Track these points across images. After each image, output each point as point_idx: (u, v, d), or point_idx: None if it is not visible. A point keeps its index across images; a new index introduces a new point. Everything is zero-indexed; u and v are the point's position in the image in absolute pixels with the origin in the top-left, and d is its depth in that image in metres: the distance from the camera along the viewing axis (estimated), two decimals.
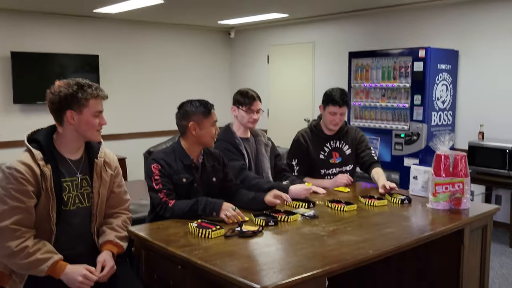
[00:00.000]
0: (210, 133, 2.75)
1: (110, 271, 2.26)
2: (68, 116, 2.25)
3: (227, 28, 8.35)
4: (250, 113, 3.21)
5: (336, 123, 3.52)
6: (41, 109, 6.54)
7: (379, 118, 5.93)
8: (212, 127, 2.76)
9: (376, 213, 2.78)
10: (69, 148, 2.33)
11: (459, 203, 2.80)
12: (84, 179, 2.36)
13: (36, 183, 2.19)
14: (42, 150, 2.24)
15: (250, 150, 3.28)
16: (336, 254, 2.09)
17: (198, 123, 2.72)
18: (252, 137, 3.36)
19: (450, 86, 5.65)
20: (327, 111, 3.51)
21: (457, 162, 2.82)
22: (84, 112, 2.26)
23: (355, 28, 6.80)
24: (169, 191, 2.63)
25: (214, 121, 2.78)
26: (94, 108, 2.29)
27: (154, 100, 7.79)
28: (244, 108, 3.21)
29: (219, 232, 2.30)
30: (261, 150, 3.34)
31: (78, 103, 2.24)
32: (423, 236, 2.41)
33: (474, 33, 5.58)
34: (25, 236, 2.16)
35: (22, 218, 2.16)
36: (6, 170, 2.17)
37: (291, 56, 7.70)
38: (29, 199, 2.18)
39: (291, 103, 7.65)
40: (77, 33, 7.02)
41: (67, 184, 2.30)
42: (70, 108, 2.24)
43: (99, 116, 2.32)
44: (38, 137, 2.29)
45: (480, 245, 2.84)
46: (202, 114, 2.72)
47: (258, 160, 3.31)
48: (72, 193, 2.31)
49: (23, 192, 2.16)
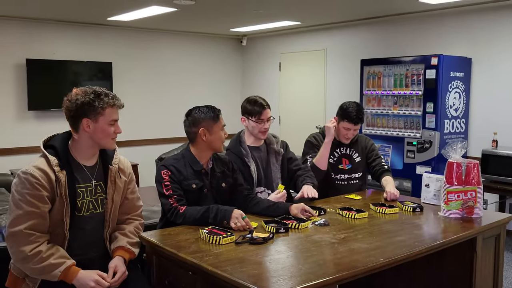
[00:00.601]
0: (220, 137, 2.78)
1: (121, 276, 2.28)
2: (84, 124, 2.28)
3: (239, 35, 8.39)
4: (261, 123, 3.14)
5: (348, 137, 3.55)
6: (55, 115, 6.64)
7: (391, 125, 5.91)
8: (221, 132, 2.78)
9: (387, 221, 2.77)
10: (84, 154, 2.36)
11: (471, 212, 2.78)
12: (99, 185, 2.39)
13: (51, 188, 2.22)
14: (58, 156, 2.27)
15: (259, 159, 3.23)
16: (347, 262, 2.09)
17: (208, 129, 2.75)
18: (265, 145, 3.29)
19: (463, 94, 5.61)
20: (341, 125, 3.51)
21: (470, 170, 2.80)
22: (100, 121, 2.28)
23: (367, 36, 6.79)
24: (179, 197, 2.65)
25: (223, 126, 2.80)
26: (110, 117, 2.31)
27: (167, 106, 7.84)
28: (254, 119, 3.14)
29: (230, 239, 2.31)
30: (271, 159, 3.26)
31: (95, 111, 2.27)
32: (435, 245, 2.40)
33: (487, 41, 5.54)
34: (39, 241, 2.18)
35: (36, 223, 2.18)
36: (22, 175, 2.19)
37: (302, 64, 7.72)
38: (44, 205, 2.20)
39: (303, 110, 7.65)
40: (91, 41, 7.10)
41: (81, 190, 2.32)
42: (86, 116, 2.27)
43: (115, 124, 2.34)
44: (54, 143, 2.32)
45: (493, 254, 2.81)
46: (212, 120, 2.75)
47: (267, 170, 3.24)
48: (86, 199, 2.34)
49: (38, 197, 2.18)
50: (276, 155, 3.28)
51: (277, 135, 3.40)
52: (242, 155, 3.15)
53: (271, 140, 3.30)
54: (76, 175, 2.31)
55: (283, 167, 3.31)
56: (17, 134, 6.52)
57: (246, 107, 3.19)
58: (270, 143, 3.29)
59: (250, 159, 3.16)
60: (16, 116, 6.58)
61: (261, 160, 3.23)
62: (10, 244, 2.19)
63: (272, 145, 3.29)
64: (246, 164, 3.14)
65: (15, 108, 6.56)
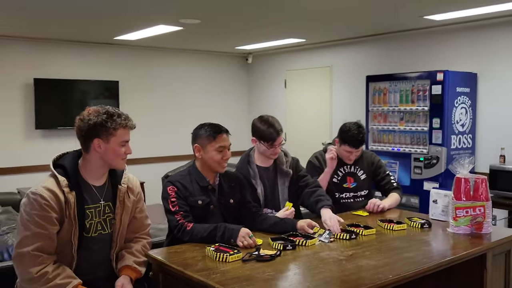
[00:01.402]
0: (212, 158, 2.72)
1: None
2: (95, 144, 2.27)
3: (245, 53, 8.45)
4: (272, 148, 3.08)
5: (351, 159, 3.53)
6: (63, 134, 6.68)
7: (397, 141, 5.90)
8: (216, 152, 2.71)
9: (395, 237, 2.74)
10: (94, 174, 2.35)
11: (480, 228, 2.75)
12: (107, 205, 2.38)
13: (60, 210, 2.20)
14: (67, 176, 2.26)
15: (267, 180, 3.18)
16: (354, 279, 2.06)
17: (202, 147, 2.74)
18: (274, 165, 3.21)
19: (470, 109, 5.60)
20: (342, 148, 3.48)
21: (478, 186, 2.78)
22: (112, 141, 2.28)
23: (372, 52, 6.82)
24: (185, 213, 2.64)
25: (219, 146, 2.71)
26: (122, 138, 2.30)
27: (173, 125, 7.87)
28: (267, 144, 3.05)
29: (237, 256, 2.30)
30: (279, 180, 3.20)
31: (106, 132, 2.26)
32: (444, 261, 2.37)
33: (493, 56, 5.55)
34: (45, 263, 2.17)
35: (44, 245, 2.17)
36: (31, 196, 2.18)
37: (308, 81, 7.74)
38: (52, 226, 2.19)
39: (309, 127, 7.65)
40: (98, 60, 7.17)
41: (90, 211, 2.31)
42: (98, 137, 2.26)
43: (126, 145, 2.34)
44: (64, 163, 2.31)
45: (503, 271, 2.76)
46: (206, 138, 2.73)
47: (274, 192, 3.19)
48: (94, 220, 2.33)
49: (47, 219, 2.17)
50: (284, 177, 3.21)
51: (288, 153, 3.31)
52: (250, 176, 3.11)
53: (281, 160, 3.22)
54: (85, 196, 2.30)
55: (291, 187, 3.23)
56: (25, 153, 6.55)
57: (258, 130, 3.08)
58: (279, 164, 3.21)
59: (257, 180, 3.12)
60: (24, 135, 6.62)
61: (268, 181, 3.18)
62: (17, 265, 2.19)
63: (282, 165, 3.21)
64: (253, 186, 3.11)
65: (22, 127, 6.61)
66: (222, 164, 2.75)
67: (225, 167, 2.78)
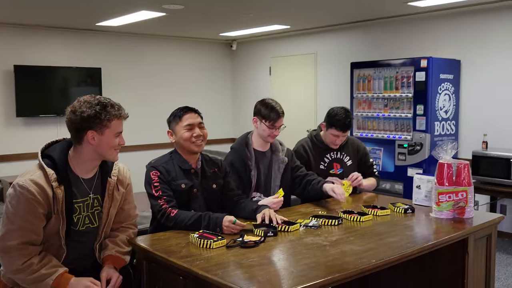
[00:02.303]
0: (183, 137, 2.70)
1: (117, 282, 2.26)
2: (89, 137, 2.18)
3: (229, 40, 8.39)
4: (272, 129, 3.11)
5: (337, 144, 3.53)
6: (44, 122, 6.59)
7: (382, 128, 5.92)
8: (185, 131, 2.70)
9: (379, 222, 2.76)
10: (85, 167, 2.28)
11: (462, 212, 2.78)
12: (96, 198, 2.33)
13: (47, 205, 2.15)
14: (56, 169, 2.18)
15: (262, 165, 3.19)
16: (338, 264, 2.07)
17: (173, 130, 2.77)
18: (270, 151, 3.24)
19: (453, 96, 5.64)
20: (329, 132, 3.49)
21: (460, 171, 2.80)
22: (106, 133, 2.20)
23: (357, 39, 6.82)
24: (169, 198, 2.62)
25: (186, 125, 2.71)
26: (116, 129, 2.24)
27: (157, 112, 7.79)
28: (268, 123, 3.09)
29: (221, 243, 2.29)
30: (274, 166, 3.22)
31: (101, 124, 2.18)
32: (426, 245, 2.39)
33: (476, 43, 5.58)
34: (31, 254, 2.14)
35: (30, 238, 2.14)
36: (18, 189, 2.11)
37: (293, 68, 7.72)
38: (39, 221, 2.14)
39: (294, 114, 7.63)
40: (80, 46, 7.06)
41: (78, 206, 2.26)
42: (92, 129, 2.18)
43: (119, 136, 2.28)
44: (53, 154, 2.22)
45: (484, 255, 2.80)
46: (174, 121, 2.75)
47: (268, 177, 3.21)
48: (82, 214, 2.28)
49: (33, 213, 2.12)
50: (279, 163, 3.23)
51: (283, 143, 3.35)
52: (247, 158, 3.13)
53: (277, 148, 3.26)
54: (74, 190, 2.24)
55: (284, 175, 3.25)
56: (5, 141, 6.45)
57: (261, 110, 3.13)
58: (276, 150, 3.25)
59: (253, 163, 3.13)
60: (4, 123, 6.51)
61: (264, 166, 3.19)
62: (2, 256, 2.15)
63: (278, 152, 3.24)
64: (248, 167, 3.11)
65: (3, 115, 6.50)
66: (196, 142, 2.72)
67: (200, 145, 2.74)
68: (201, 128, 2.76)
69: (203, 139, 2.75)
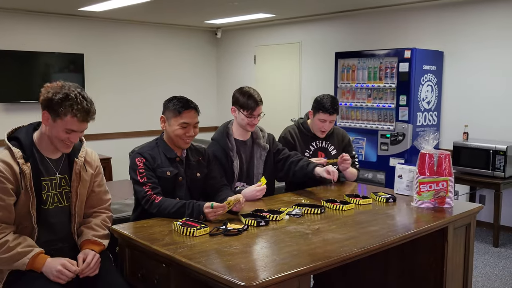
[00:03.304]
0: (175, 132, 2.69)
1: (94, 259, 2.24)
2: (44, 117, 2.22)
3: (214, 28, 8.34)
4: (251, 118, 3.08)
5: (324, 130, 3.54)
6: (25, 107, 6.49)
7: (365, 118, 5.96)
8: (179, 127, 2.68)
9: (361, 211, 2.79)
10: (49, 147, 2.30)
11: (443, 202, 2.82)
12: (63, 178, 2.34)
13: (15, 181, 2.18)
14: (22, 148, 2.22)
15: (244, 154, 3.18)
16: (321, 252, 2.09)
17: (167, 119, 2.73)
18: (251, 139, 3.23)
19: (435, 87, 5.69)
20: (316, 117, 3.51)
21: (441, 161, 2.84)
22: (57, 123, 2.19)
23: (342, 29, 6.83)
24: (154, 185, 2.62)
25: (183, 123, 2.68)
26: (67, 125, 2.20)
27: (140, 99, 7.75)
28: (246, 113, 3.06)
29: (204, 231, 2.29)
30: (256, 154, 3.22)
31: (54, 111, 2.18)
32: (407, 234, 2.42)
33: (459, 35, 5.63)
34: (5, 232, 2.15)
35: (1, 216, 2.15)
36: None
37: (277, 57, 7.71)
38: (9, 197, 2.16)
39: (278, 103, 7.65)
40: (62, 32, 6.96)
41: (46, 183, 2.28)
42: (48, 111, 2.20)
43: (72, 133, 2.23)
44: (19, 135, 2.27)
45: (463, 243, 2.86)
46: (172, 112, 2.71)
47: (250, 166, 3.20)
48: (51, 192, 2.30)
49: (2, 190, 2.14)
50: (261, 151, 3.23)
51: (264, 129, 3.33)
52: (228, 148, 3.11)
53: (258, 135, 3.24)
54: (41, 168, 2.27)
55: (266, 162, 3.25)
56: None
57: (239, 99, 3.09)
58: (256, 138, 3.23)
59: (234, 153, 3.12)
60: None
61: (245, 155, 3.19)
62: None
63: (259, 139, 3.23)
64: (230, 158, 3.10)
65: None
66: (185, 140, 2.71)
67: (188, 143, 2.74)
68: (195, 128, 2.74)
69: (192, 138, 2.75)
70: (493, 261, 4.62)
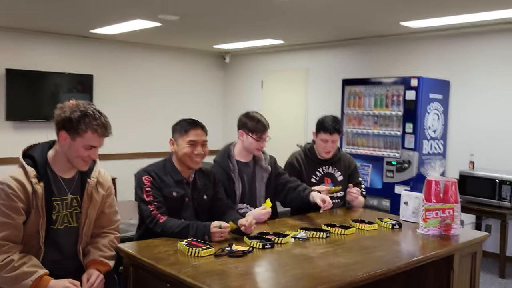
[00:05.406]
0: (183, 151, 2.69)
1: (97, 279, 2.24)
2: (62, 137, 2.23)
3: (222, 52, 8.44)
4: (259, 141, 3.13)
5: (328, 150, 3.53)
6: (34, 126, 6.55)
7: (371, 145, 5.97)
8: (187, 146, 2.69)
9: (366, 237, 2.78)
10: (63, 167, 2.31)
11: (449, 229, 2.81)
12: (75, 198, 2.34)
13: (27, 200, 2.17)
14: (36, 167, 2.22)
15: (246, 176, 3.19)
16: (325, 276, 2.08)
17: (176, 140, 2.75)
18: (253, 161, 3.25)
19: (442, 115, 5.71)
20: (319, 138, 3.53)
21: (448, 188, 2.84)
22: (77, 141, 2.22)
23: (349, 56, 6.90)
24: (159, 204, 2.62)
25: (190, 140, 2.69)
26: (88, 142, 2.23)
27: (147, 121, 7.80)
28: (255, 136, 3.10)
29: (209, 251, 2.29)
30: (257, 176, 3.23)
31: (74, 130, 2.20)
32: (412, 261, 2.41)
33: (465, 64, 5.67)
34: (11, 251, 2.14)
35: (10, 234, 2.14)
36: None
37: (285, 82, 7.77)
38: (19, 216, 2.16)
39: (284, 128, 7.67)
40: (73, 53, 7.05)
41: (57, 203, 2.28)
42: (66, 130, 2.21)
43: (92, 150, 2.26)
44: (33, 153, 2.27)
45: (469, 272, 2.83)
46: (179, 131, 2.74)
47: (252, 187, 3.21)
48: (61, 212, 2.29)
49: (13, 208, 2.14)
50: (263, 173, 3.24)
51: (266, 151, 3.35)
52: (229, 170, 3.12)
53: (260, 157, 3.26)
54: (53, 188, 2.27)
55: (268, 184, 3.26)
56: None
57: (247, 123, 3.14)
58: (258, 160, 3.25)
59: (236, 174, 3.13)
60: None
61: (247, 177, 3.20)
62: None
63: (261, 161, 3.25)
64: (232, 179, 3.11)
65: None
66: (194, 159, 2.71)
67: (198, 163, 2.74)
68: (203, 146, 2.75)
69: (203, 157, 2.76)
70: None
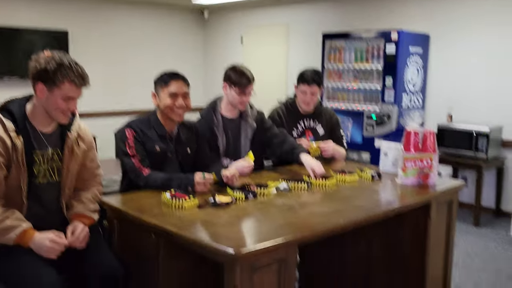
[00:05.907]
0: (164, 103, 2.67)
1: (82, 232, 2.25)
2: (39, 89, 2.18)
3: (201, 8, 8.27)
4: (242, 95, 3.10)
5: (307, 102, 3.53)
6: (9, 84, 6.41)
7: (351, 99, 6.00)
8: (168, 98, 2.67)
9: (347, 187, 2.83)
10: (41, 120, 2.27)
11: (427, 178, 2.87)
12: (55, 152, 2.31)
13: (6, 154, 2.14)
14: (15, 121, 2.19)
15: (231, 131, 3.19)
16: (308, 224, 2.13)
17: (157, 93, 2.73)
18: (239, 118, 3.23)
19: (421, 69, 5.75)
20: (299, 90, 3.54)
21: (426, 138, 2.88)
22: (54, 92, 2.17)
23: (329, 10, 6.83)
24: (142, 157, 2.62)
25: (171, 93, 2.67)
26: (66, 93, 2.18)
27: (125, 79, 7.69)
28: (237, 90, 3.08)
29: (193, 202, 2.31)
30: (243, 132, 3.22)
31: (51, 80, 2.15)
32: (391, 209, 2.48)
33: (445, 18, 5.67)
34: None
35: None
36: None
37: (265, 38, 7.69)
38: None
39: (265, 84, 7.62)
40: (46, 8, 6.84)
41: (37, 157, 2.25)
42: (42, 82, 2.16)
43: (70, 101, 2.22)
44: (11, 107, 2.23)
45: (446, 220, 2.92)
46: (159, 84, 2.72)
47: (237, 143, 3.21)
48: (42, 166, 2.27)
49: None
50: (248, 128, 3.24)
51: (254, 106, 3.33)
52: (213, 123, 3.12)
53: (247, 113, 3.24)
54: (33, 141, 2.24)
55: (253, 141, 3.26)
56: None
57: (231, 76, 3.11)
58: (245, 115, 3.23)
59: (220, 129, 3.13)
60: None
61: (232, 132, 3.19)
62: None
63: (247, 117, 3.24)
64: (215, 133, 3.11)
65: None
66: (176, 112, 2.69)
67: (181, 115, 2.72)
68: (185, 98, 2.72)
69: (185, 109, 2.73)
70: (474, 240, 4.73)
